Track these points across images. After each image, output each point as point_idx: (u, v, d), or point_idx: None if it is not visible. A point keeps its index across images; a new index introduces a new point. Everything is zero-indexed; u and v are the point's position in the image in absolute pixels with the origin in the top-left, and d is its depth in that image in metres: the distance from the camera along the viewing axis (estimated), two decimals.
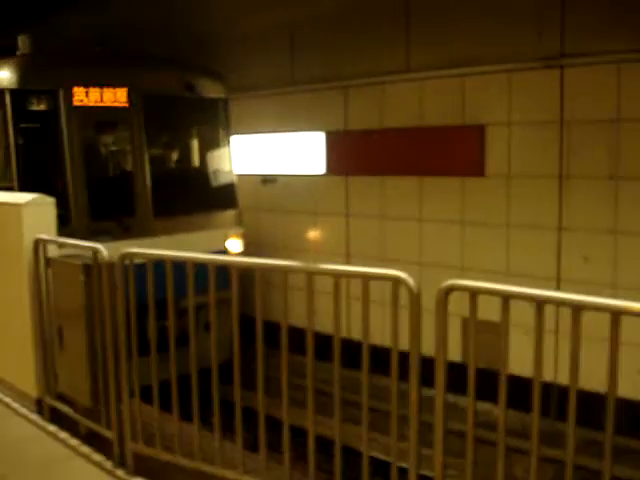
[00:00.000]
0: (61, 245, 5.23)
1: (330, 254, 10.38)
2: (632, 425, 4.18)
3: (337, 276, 3.64)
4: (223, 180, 10.25)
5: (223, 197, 10.16)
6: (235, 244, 9.93)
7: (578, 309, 2.91)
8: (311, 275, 3.71)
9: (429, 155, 9.23)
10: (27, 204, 5.40)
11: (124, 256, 4.38)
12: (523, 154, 8.44)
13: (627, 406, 6.82)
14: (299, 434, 4.39)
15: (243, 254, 9.63)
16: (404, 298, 3.39)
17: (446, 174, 9.14)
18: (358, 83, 9.91)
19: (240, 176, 10.57)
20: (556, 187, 8.14)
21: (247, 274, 4.06)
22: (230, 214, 10.11)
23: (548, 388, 7.43)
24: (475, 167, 8.81)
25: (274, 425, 4.28)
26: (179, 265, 4.24)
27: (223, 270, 4.08)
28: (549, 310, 3.09)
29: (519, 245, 8.53)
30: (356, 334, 3.73)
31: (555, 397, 7.50)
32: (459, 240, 9.09)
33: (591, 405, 4.32)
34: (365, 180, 10.09)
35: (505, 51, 8.34)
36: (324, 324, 3.83)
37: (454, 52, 8.79)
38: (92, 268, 4.66)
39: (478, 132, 8.73)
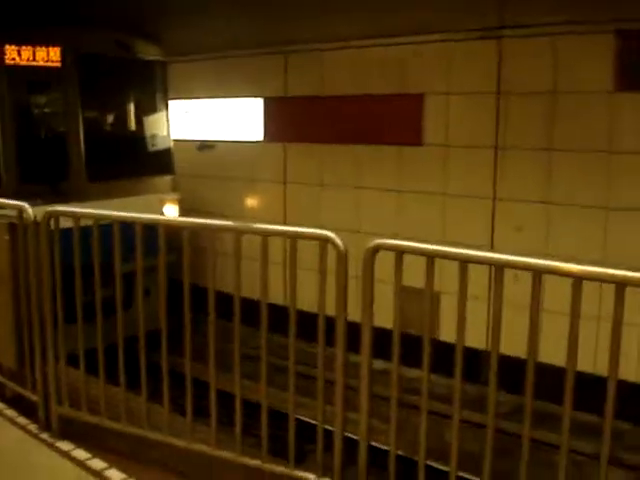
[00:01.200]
0: None
1: (267, 222, 10.29)
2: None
3: (265, 235, 3.60)
4: (159, 145, 10.09)
5: (159, 162, 10.01)
6: (171, 210, 9.81)
7: (501, 268, 2.94)
8: (239, 234, 3.66)
9: (368, 123, 9.22)
10: None
11: (49, 214, 4.26)
12: (461, 124, 8.49)
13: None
14: (226, 398, 4.37)
15: None
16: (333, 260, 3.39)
17: (384, 143, 9.15)
18: (298, 49, 9.81)
19: (177, 141, 10.43)
20: (491, 158, 8.23)
21: (177, 238, 3.99)
22: (166, 180, 9.98)
23: (478, 354, 7.61)
24: (413, 136, 8.84)
25: (203, 390, 4.24)
26: (106, 230, 4.14)
27: (153, 237, 3.98)
28: (476, 272, 3.14)
29: (454, 214, 8.62)
30: (286, 300, 3.70)
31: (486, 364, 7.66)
32: (395, 209, 9.13)
33: (515, 369, 4.39)
34: (303, 148, 10.04)
35: (445, 20, 8.33)
36: (254, 290, 3.80)
37: (395, 21, 8.74)
38: (17, 227, 4.53)
39: (417, 101, 8.74)
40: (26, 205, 4.44)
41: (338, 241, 3.34)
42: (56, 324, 4.33)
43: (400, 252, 3.21)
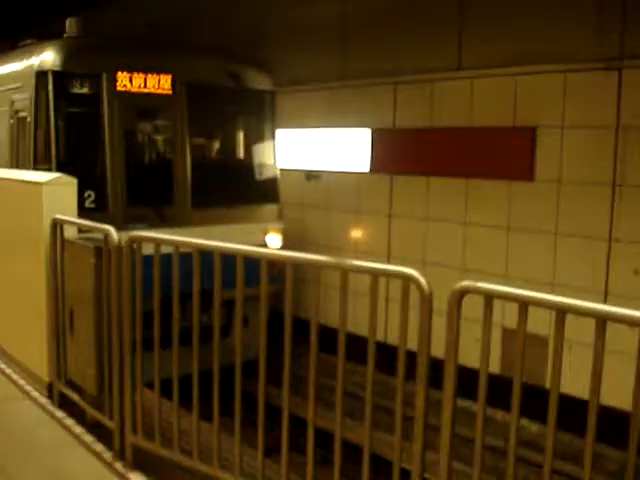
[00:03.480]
0: (81, 228, 5.09)
1: (371, 254, 10.10)
2: None
3: (348, 270, 3.37)
4: (265, 174, 10.07)
5: (264, 191, 9.98)
6: (275, 239, 9.74)
7: (602, 320, 2.59)
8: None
9: (477, 156, 8.87)
10: (48, 183, 5.26)
11: (132, 239, 4.18)
12: (575, 159, 8.03)
13: None
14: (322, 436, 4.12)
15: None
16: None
17: (494, 177, 8.77)
18: (408, 80, 9.61)
19: (283, 171, 10.38)
20: (609, 195, 7.72)
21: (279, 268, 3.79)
22: (271, 208, 9.92)
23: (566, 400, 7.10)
24: (524, 171, 8.43)
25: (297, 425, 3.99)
26: (208, 257, 3.98)
27: (255, 265, 3.81)
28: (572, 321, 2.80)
29: (566, 255, 8.12)
30: (394, 339, 3.43)
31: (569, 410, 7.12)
32: (504, 247, 8.71)
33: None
34: (410, 180, 9.78)
35: (561, 50, 7.94)
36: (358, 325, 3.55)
37: (507, 50, 8.42)
38: (103, 251, 4.48)
39: (529, 134, 8.35)
40: (111, 228, 4.38)
41: (422, 280, 3.07)
42: (134, 350, 4.23)
43: (490, 297, 2.91)
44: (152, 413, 4.31)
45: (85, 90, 8.44)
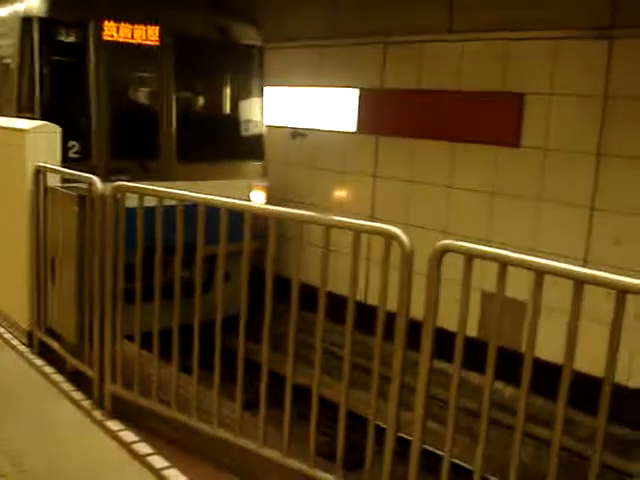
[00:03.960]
0: (65, 177, 5.06)
1: (354, 214, 10.07)
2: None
3: (329, 226, 3.39)
4: (251, 130, 10.02)
5: (250, 147, 9.95)
6: (259, 196, 9.73)
7: (580, 282, 2.63)
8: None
9: (464, 120, 8.86)
10: (31, 130, 5.22)
11: (116, 189, 4.17)
12: (562, 127, 8.04)
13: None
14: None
15: None
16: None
17: (480, 142, 8.77)
18: (397, 40, 9.53)
19: (269, 128, 10.32)
20: (593, 165, 7.75)
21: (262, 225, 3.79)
22: (256, 165, 9.90)
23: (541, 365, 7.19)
24: (511, 137, 8.44)
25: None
26: (191, 210, 3.94)
27: (238, 221, 3.80)
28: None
29: (548, 222, 8.18)
30: (373, 300, 3.45)
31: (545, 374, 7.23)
32: (487, 212, 8.75)
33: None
34: (396, 141, 9.75)
35: (553, 17, 7.90)
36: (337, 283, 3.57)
37: (499, 15, 8.36)
38: (87, 200, 4.46)
39: (517, 100, 8.34)
40: (96, 178, 4.36)
41: (404, 238, 3.09)
42: (115, 301, 4.24)
43: (469, 256, 2.93)
44: (131, 364, 4.34)
45: (71, 38, 8.33)
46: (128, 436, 4.09)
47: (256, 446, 3.68)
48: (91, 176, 4.40)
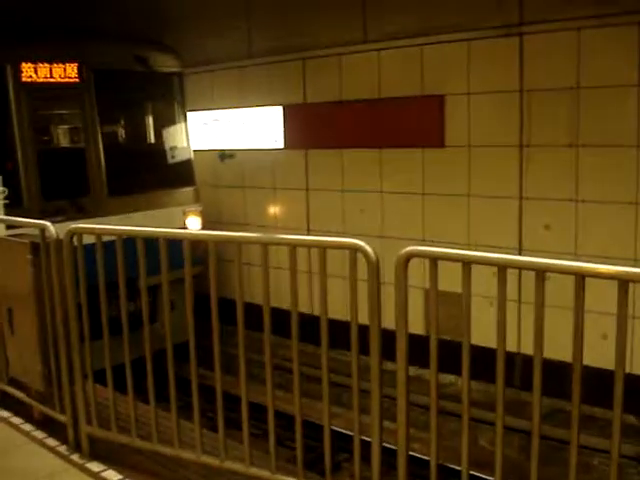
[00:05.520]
0: (11, 226, 5.04)
1: (291, 230, 10.24)
2: (596, 393, 4.16)
3: (294, 245, 3.49)
4: (179, 156, 10.05)
5: (180, 174, 9.98)
6: (194, 222, 9.76)
7: (542, 272, 2.81)
8: (266, 246, 3.55)
9: (388, 127, 9.10)
10: None
11: (71, 232, 4.18)
12: (483, 124, 8.36)
13: (592, 374, 6.85)
14: (258, 411, 4.27)
15: None
16: (363, 269, 3.27)
17: (406, 146, 9.03)
18: (315, 55, 9.72)
19: (197, 152, 10.37)
20: (517, 156, 8.08)
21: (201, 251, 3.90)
22: (188, 191, 9.93)
23: (512, 358, 7.46)
24: (435, 138, 8.71)
25: (233, 403, 4.16)
26: (130, 244, 4.04)
27: (177, 249, 3.88)
28: (512, 278, 3.01)
29: (480, 216, 8.48)
30: (316, 310, 3.58)
31: (520, 367, 7.51)
32: (420, 212, 9.00)
33: (556, 374, 4.25)
34: (324, 153, 9.94)
35: (464, 20, 8.22)
36: (282, 299, 3.70)
37: (411, 22, 8.64)
38: (40, 247, 4.46)
39: (437, 102, 8.62)
40: (48, 224, 4.36)
41: (369, 249, 3.23)
42: (82, 341, 4.25)
43: (434, 259, 3.09)
44: (102, 403, 4.35)
45: None
46: (111, 475, 4.10)
47: (243, 466, 3.75)
48: (43, 222, 4.39)
